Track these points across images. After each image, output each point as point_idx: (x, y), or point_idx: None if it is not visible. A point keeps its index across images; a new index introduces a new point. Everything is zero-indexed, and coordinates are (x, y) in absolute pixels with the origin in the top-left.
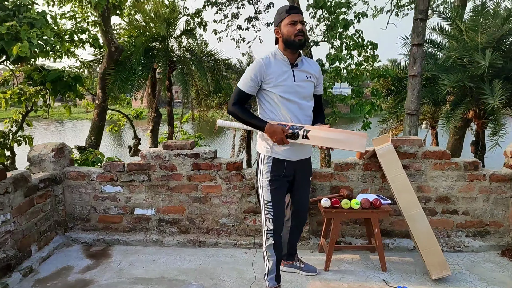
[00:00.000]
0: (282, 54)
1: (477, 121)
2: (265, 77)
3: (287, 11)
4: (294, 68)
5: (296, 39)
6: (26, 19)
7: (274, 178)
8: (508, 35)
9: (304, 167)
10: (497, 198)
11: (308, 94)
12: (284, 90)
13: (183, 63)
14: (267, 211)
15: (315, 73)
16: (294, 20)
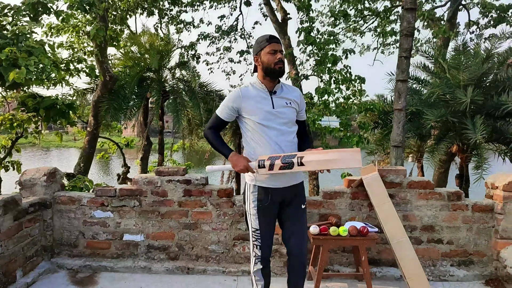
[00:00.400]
0: (261, 82)
1: (461, 155)
2: (242, 106)
3: (268, 40)
4: (273, 95)
5: (276, 67)
6: (24, 47)
7: (260, 207)
8: (488, 74)
9: (293, 194)
10: (480, 227)
11: (289, 119)
12: (262, 117)
13: (176, 93)
14: (254, 239)
15: (295, 99)
16: (274, 49)
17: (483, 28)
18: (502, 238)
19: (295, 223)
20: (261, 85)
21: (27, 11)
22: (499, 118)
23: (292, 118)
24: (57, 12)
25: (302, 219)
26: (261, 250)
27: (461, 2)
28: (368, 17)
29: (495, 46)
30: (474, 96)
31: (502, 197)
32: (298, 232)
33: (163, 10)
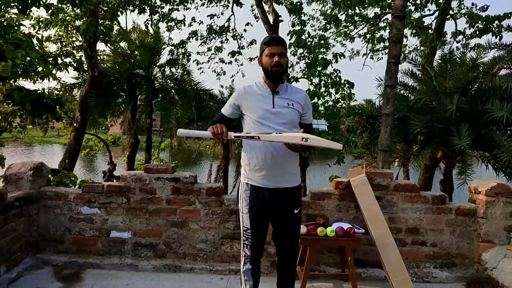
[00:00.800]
0: (264, 82)
1: (446, 161)
2: (243, 103)
3: (266, 42)
4: (275, 95)
5: (273, 70)
6: (12, 40)
7: (252, 206)
8: (473, 82)
9: (286, 197)
10: (463, 231)
11: (288, 120)
12: (260, 116)
13: (165, 91)
14: (245, 238)
15: (299, 100)
16: (272, 52)
17: (469, 38)
18: (483, 242)
19: (286, 226)
20: (264, 84)
21: (16, 2)
22: (483, 125)
23: (292, 120)
24: (46, 5)
25: (294, 224)
26: (251, 250)
27: (448, 12)
28: (358, 23)
29: (480, 56)
30: (460, 103)
31: (484, 202)
32: (288, 235)
33: (154, 8)
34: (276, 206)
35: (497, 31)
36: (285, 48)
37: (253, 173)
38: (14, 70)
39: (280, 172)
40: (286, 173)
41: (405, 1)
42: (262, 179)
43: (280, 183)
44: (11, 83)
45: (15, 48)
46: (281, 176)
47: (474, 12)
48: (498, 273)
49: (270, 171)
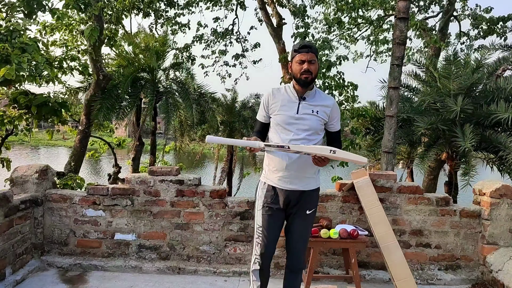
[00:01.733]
0: (293, 87)
1: (450, 162)
2: (270, 105)
3: (296, 50)
4: (302, 100)
5: (302, 77)
6: (18, 44)
7: (266, 204)
8: (477, 84)
9: (300, 200)
10: (467, 233)
11: (310, 127)
12: (283, 120)
13: (169, 94)
14: (257, 236)
15: (325, 109)
16: (302, 60)
17: (474, 39)
18: (488, 244)
19: (296, 225)
20: (293, 89)
21: (22, 7)
22: (488, 127)
23: (314, 127)
24: (52, 10)
25: (304, 223)
26: (261, 249)
27: (452, 13)
28: (362, 25)
29: (485, 57)
30: (464, 105)
31: (489, 204)
32: (295, 232)
33: (159, 11)
34: (289, 207)
35: (502, 32)
36: (315, 55)
37: (271, 173)
38: (20, 74)
39: (296, 175)
40: (302, 176)
41: (409, 3)
42: (278, 180)
43: (295, 185)
44: (17, 87)
45: (21, 52)
46: (297, 179)
47: (478, 13)
48: (503, 275)
49: (286, 173)
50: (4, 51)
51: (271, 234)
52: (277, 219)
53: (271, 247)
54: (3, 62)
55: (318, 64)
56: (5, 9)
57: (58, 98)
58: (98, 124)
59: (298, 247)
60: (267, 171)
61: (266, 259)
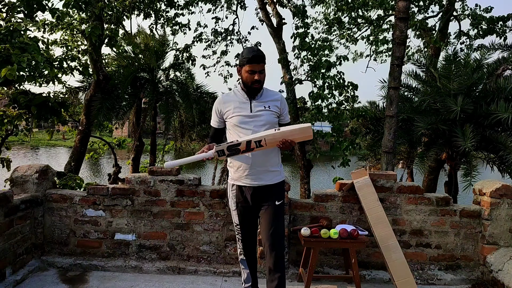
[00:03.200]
0: (241, 89)
1: (450, 162)
2: (223, 110)
3: (249, 60)
4: (252, 100)
5: (253, 86)
6: (18, 44)
7: (238, 204)
8: (477, 83)
9: (269, 193)
10: (467, 233)
11: (267, 122)
12: (239, 120)
13: (169, 94)
14: (237, 232)
15: (275, 103)
16: (253, 70)
17: (473, 39)
18: (488, 244)
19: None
20: (242, 91)
21: (22, 7)
22: (488, 127)
23: (270, 121)
24: (52, 10)
25: (276, 212)
26: (243, 243)
27: (452, 13)
28: (362, 25)
29: (485, 57)
30: (464, 105)
31: (489, 203)
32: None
33: (159, 12)
34: (259, 201)
35: (502, 32)
36: (264, 63)
37: (236, 173)
38: (20, 74)
39: (261, 170)
40: (267, 171)
41: (409, 3)
42: (245, 179)
43: (261, 181)
44: (16, 87)
45: (21, 52)
46: (262, 174)
47: (478, 13)
48: (503, 275)
49: (251, 170)
50: (5, 51)
51: (248, 229)
52: (251, 215)
53: (251, 240)
54: (4, 62)
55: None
56: (5, 9)
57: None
58: (98, 124)
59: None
60: (232, 172)
61: (250, 251)
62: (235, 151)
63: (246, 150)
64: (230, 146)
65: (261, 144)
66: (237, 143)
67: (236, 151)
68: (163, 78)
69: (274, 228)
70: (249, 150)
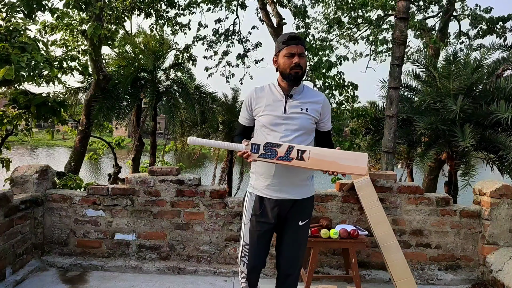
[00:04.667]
0: (278, 84)
1: (450, 162)
2: (254, 107)
3: (285, 41)
4: (289, 98)
5: (292, 72)
6: (17, 43)
7: (254, 218)
8: (477, 83)
9: (291, 210)
10: (467, 233)
11: (300, 127)
12: (269, 121)
13: (170, 94)
14: (243, 254)
15: (315, 106)
16: (292, 53)
17: (473, 39)
18: (488, 244)
19: (288, 238)
20: (278, 87)
21: (22, 7)
22: (487, 127)
23: (305, 126)
24: (52, 10)
25: (296, 236)
26: (247, 268)
27: (452, 13)
28: (361, 25)
29: (484, 57)
30: (464, 105)
31: (489, 203)
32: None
33: (160, 12)
34: (279, 218)
35: (501, 32)
36: (304, 47)
37: (258, 181)
38: (20, 74)
39: (286, 182)
40: (293, 183)
41: (409, 3)
42: (266, 189)
43: (286, 193)
44: (16, 87)
45: (21, 52)
46: (287, 187)
47: (478, 13)
48: (503, 275)
49: (275, 180)
50: (4, 50)
51: (258, 252)
52: (265, 235)
53: (259, 264)
54: (3, 62)
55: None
56: (5, 9)
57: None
58: (98, 124)
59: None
60: (254, 179)
61: (254, 276)
62: (271, 153)
63: (283, 157)
64: (268, 145)
65: (303, 158)
66: (277, 144)
67: (272, 153)
68: (163, 78)
69: (293, 254)
70: (286, 160)
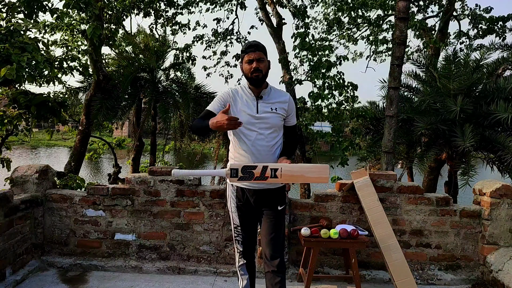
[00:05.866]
0: (248, 87)
1: (450, 162)
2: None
3: (244, 50)
4: (259, 100)
5: (253, 75)
6: (18, 43)
7: (239, 206)
8: (477, 83)
9: (270, 197)
10: (467, 233)
11: (272, 125)
12: (245, 121)
13: (169, 94)
14: (236, 234)
15: (282, 105)
16: (250, 59)
17: (473, 39)
18: (488, 244)
19: (270, 220)
20: (248, 90)
21: (22, 7)
22: (487, 127)
23: (276, 124)
24: (52, 10)
25: (277, 217)
26: (243, 245)
27: (452, 13)
28: (361, 25)
29: (484, 57)
30: (464, 105)
31: (489, 203)
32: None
33: (159, 11)
34: (260, 205)
35: (501, 32)
36: (263, 53)
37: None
38: (20, 74)
39: None
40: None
41: (409, 3)
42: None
43: (262, 184)
44: (16, 87)
45: (21, 52)
46: None
47: (478, 13)
48: (503, 275)
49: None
50: (5, 51)
51: (249, 231)
52: (252, 216)
53: (252, 242)
54: (4, 62)
55: (267, 62)
56: (5, 9)
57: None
58: (97, 124)
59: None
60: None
61: (249, 254)
62: (249, 174)
63: (259, 177)
64: (245, 168)
65: (276, 175)
66: (253, 166)
67: (250, 175)
68: (163, 78)
69: (275, 234)
70: (262, 179)
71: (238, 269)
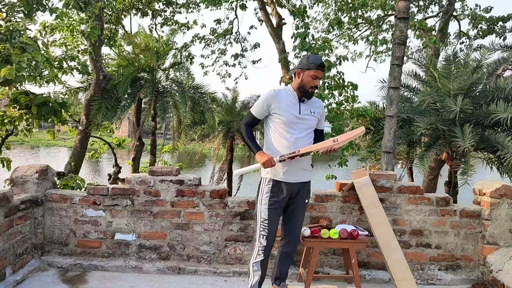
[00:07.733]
0: (293, 90)
1: (450, 162)
2: (275, 105)
3: (317, 66)
4: (301, 102)
5: (310, 90)
6: (18, 44)
7: (273, 198)
8: (477, 84)
9: (301, 190)
10: (467, 233)
11: (310, 126)
12: (289, 119)
13: (169, 94)
14: (262, 228)
15: (318, 110)
16: (317, 76)
17: (473, 39)
18: (488, 244)
19: (296, 214)
20: (294, 92)
21: (22, 7)
22: (487, 127)
23: (312, 126)
24: (52, 10)
25: (303, 211)
26: (267, 240)
27: (452, 13)
28: (361, 25)
29: (484, 57)
30: (464, 105)
31: (489, 204)
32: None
33: (157, 11)
34: (292, 197)
35: (501, 32)
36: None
37: (277, 169)
38: (20, 74)
39: (299, 168)
40: (303, 169)
41: (409, 3)
42: (283, 174)
43: (298, 177)
44: (17, 87)
45: (21, 52)
46: (299, 172)
47: (478, 13)
48: (503, 275)
49: (292, 167)
50: (5, 51)
51: (275, 226)
52: (280, 211)
53: (274, 238)
54: (4, 62)
55: None
56: (5, 9)
57: (58, 98)
58: (96, 124)
59: (297, 233)
60: (271, 168)
61: (269, 250)
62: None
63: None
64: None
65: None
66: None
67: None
68: (163, 78)
69: (300, 223)
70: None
71: (253, 265)
